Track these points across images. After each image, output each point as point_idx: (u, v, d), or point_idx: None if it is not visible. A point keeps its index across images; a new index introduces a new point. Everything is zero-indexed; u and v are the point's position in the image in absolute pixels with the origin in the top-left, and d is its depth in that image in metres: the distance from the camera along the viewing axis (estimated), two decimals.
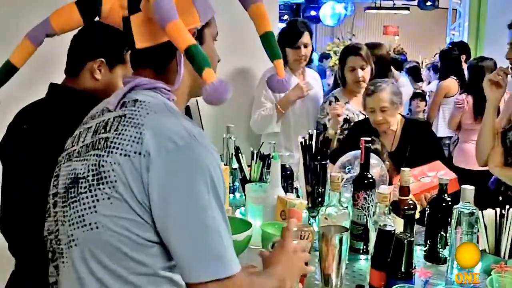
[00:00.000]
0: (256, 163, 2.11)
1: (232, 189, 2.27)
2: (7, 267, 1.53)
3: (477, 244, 1.46)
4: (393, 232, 1.37)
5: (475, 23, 6.42)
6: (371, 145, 1.75)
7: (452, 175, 1.91)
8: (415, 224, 1.65)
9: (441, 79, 4.42)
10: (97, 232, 0.92)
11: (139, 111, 0.95)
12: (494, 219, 1.52)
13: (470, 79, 3.82)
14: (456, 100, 3.82)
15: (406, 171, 1.63)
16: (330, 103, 2.71)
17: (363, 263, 1.61)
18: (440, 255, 1.59)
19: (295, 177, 2.05)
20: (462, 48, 4.53)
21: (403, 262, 1.32)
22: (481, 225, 1.51)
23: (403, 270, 1.32)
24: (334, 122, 2.61)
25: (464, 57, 4.43)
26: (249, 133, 2.85)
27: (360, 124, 2.50)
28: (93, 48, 1.55)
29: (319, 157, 1.86)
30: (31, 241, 1.14)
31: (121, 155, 0.91)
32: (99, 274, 0.93)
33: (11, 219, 1.49)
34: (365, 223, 1.65)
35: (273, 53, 1.15)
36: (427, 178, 1.95)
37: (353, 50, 2.70)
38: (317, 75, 3.05)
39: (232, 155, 2.32)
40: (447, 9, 8.57)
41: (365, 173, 1.71)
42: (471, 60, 4.03)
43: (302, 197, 1.89)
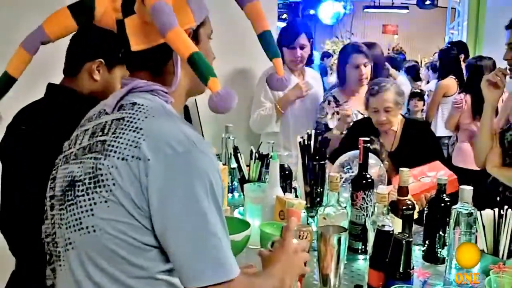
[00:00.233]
0: (254, 162, 2.11)
1: (230, 188, 2.27)
2: (7, 267, 1.53)
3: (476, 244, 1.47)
4: (391, 232, 1.37)
5: (474, 22, 6.42)
6: (369, 145, 1.75)
7: (452, 175, 1.91)
8: (413, 224, 1.65)
9: (440, 79, 4.42)
10: (94, 235, 0.92)
11: (137, 115, 0.94)
12: (492, 219, 1.52)
13: (468, 79, 3.81)
14: (454, 100, 3.82)
15: (404, 171, 1.63)
16: (329, 103, 2.71)
17: (362, 263, 1.61)
18: (438, 255, 1.59)
19: (294, 177, 2.05)
20: (460, 47, 4.53)
21: (402, 262, 1.31)
22: (479, 226, 1.51)
23: (401, 270, 1.32)
24: (342, 122, 2.60)
25: (462, 56, 4.43)
26: (248, 132, 2.85)
27: (360, 123, 2.50)
28: (91, 48, 1.54)
29: (317, 157, 1.86)
30: (31, 241, 1.14)
31: (118, 158, 0.90)
32: (96, 277, 0.92)
33: (11, 219, 1.49)
34: (364, 223, 1.65)
35: (272, 51, 1.14)
36: (427, 178, 1.95)
37: (356, 47, 2.70)
38: (317, 75, 3.04)
39: (230, 155, 2.32)
40: (446, 8, 8.57)
41: (364, 173, 1.71)
42: (470, 59, 4.03)
43: (300, 197, 1.89)
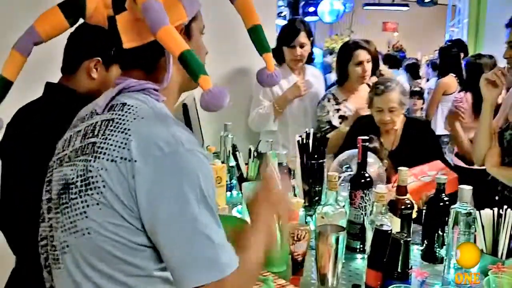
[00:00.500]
0: (253, 161, 2.11)
1: (229, 187, 2.27)
2: (7, 264, 1.54)
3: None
4: (389, 232, 1.36)
5: (474, 20, 6.40)
6: (368, 144, 1.74)
7: (452, 175, 1.91)
8: (412, 223, 1.64)
9: (440, 77, 4.41)
10: (89, 237, 0.91)
11: (126, 116, 0.93)
12: (491, 219, 1.52)
13: (468, 77, 3.80)
14: (454, 98, 3.80)
15: (403, 171, 1.63)
16: (329, 100, 2.69)
17: (360, 262, 1.61)
18: (437, 255, 1.59)
19: (292, 175, 2.04)
20: (459, 45, 4.51)
21: (400, 262, 1.31)
22: (478, 225, 1.50)
23: (399, 270, 1.31)
24: (354, 117, 2.58)
25: (461, 54, 4.41)
26: (246, 131, 2.84)
27: (362, 120, 2.49)
28: (89, 46, 1.54)
29: (316, 156, 1.86)
30: (31, 240, 1.13)
31: (107, 160, 0.90)
32: (95, 278, 0.92)
33: (11, 218, 1.49)
34: (362, 222, 1.65)
35: (262, 46, 1.13)
36: (427, 177, 1.94)
37: (359, 44, 2.68)
38: (318, 72, 3.02)
39: (229, 153, 2.32)
40: (447, 6, 8.54)
41: (363, 172, 1.70)
42: (469, 57, 4.01)
43: (299, 196, 1.89)
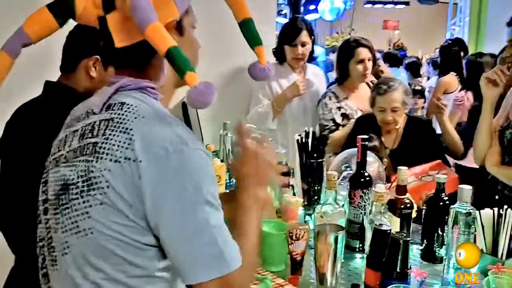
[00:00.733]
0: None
1: (228, 186, 2.26)
2: (7, 263, 1.54)
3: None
4: (388, 231, 1.35)
5: (476, 18, 6.38)
6: (367, 143, 1.73)
7: (453, 175, 1.90)
8: (412, 222, 1.64)
9: (441, 75, 4.40)
10: (92, 237, 0.91)
11: (127, 115, 0.93)
12: (491, 219, 1.51)
13: (468, 76, 3.79)
14: (455, 97, 3.80)
15: (403, 170, 1.62)
16: (330, 98, 2.68)
17: (359, 261, 1.60)
18: (436, 255, 1.58)
19: (291, 174, 2.04)
20: (458, 44, 4.49)
21: (399, 262, 1.31)
22: (478, 225, 1.50)
23: (398, 270, 1.31)
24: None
25: (462, 53, 4.40)
26: None
27: (364, 118, 2.48)
28: (88, 45, 1.53)
29: (315, 155, 1.85)
30: (31, 239, 1.13)
31: (111, 161, 0.89)
32: (95, 279, 0.92)
33: (11, 218, 1.49)
34: (361, 221, 1.64)
35: (254, 40, 1.11)
36: (428, 177, 1.94)
37: (361, 42, 2.67)
38: (320, 71, 3.01)
39: (228, 152, 2.32)
40: (448, 4, 8.53)
41: (362, 171, 1.69)
42: (469, 56, 4.00)
43: (298, 195, 1.88)
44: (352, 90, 2.71)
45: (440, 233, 1.57)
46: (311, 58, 2.83)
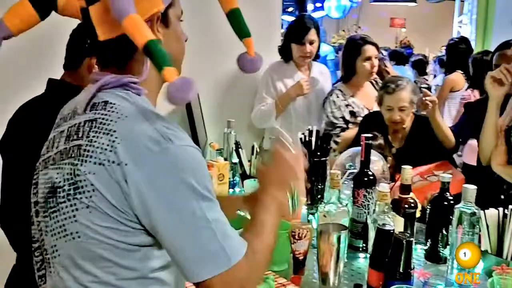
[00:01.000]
0: (256, 158, 2.10)
1: (232, 184, 2.26)
2: (8, 261, 1.54)
3: (479, 244, 1.44)
4: (392, 231, 1.34)
5: (483, 16, 6.32)
6: (371, 141, 1.72)
7: (460, 176, 1.88)
8: (416, 222, 1.62)
9: (447, 73, 4.36)
10: (80, 241, 0.90)
11: (109, 116, 0.91)
12: (496, 219, 1.50)
13: (474, 74, 3.76)
14: (462, 96, 3.76)
15: (407, 169, 1.61)
16: (337, 96, 2.67)
17: (362, 261, 1.59)
18: (440, 255, 1.57)
19: None
20: (463, 42, 4.46)
21: (402, 262, 1.29)
22: (483, 225, 1.48)
23: (401, 270, 1.30)
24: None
25: None
26: (250, 128, 2.83)
27: (371, 116, 2.46)
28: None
29: (318, 154, 1.84)
30: (31, 238, 1.13)
31: (95, 164, 0.88)
32: (85, 282, 0.91)
33: (12, 216, 1.49)
34: (365, 220, 1.63)
35: (241, 30, 1.09)
36: (434, 177, 1.93)
37: (367, 39, 2.66)
38: (325, 69, 3.00)
39: (232, 150, 2.32)
40: (455, 1, 8.47)
41: (366, 170, 1.68)
42: (474, 54, 3.96)
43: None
44: (358, 88, 2.70)
45: (444, 233, 1.55)
46: (317, 56, 2.82)
